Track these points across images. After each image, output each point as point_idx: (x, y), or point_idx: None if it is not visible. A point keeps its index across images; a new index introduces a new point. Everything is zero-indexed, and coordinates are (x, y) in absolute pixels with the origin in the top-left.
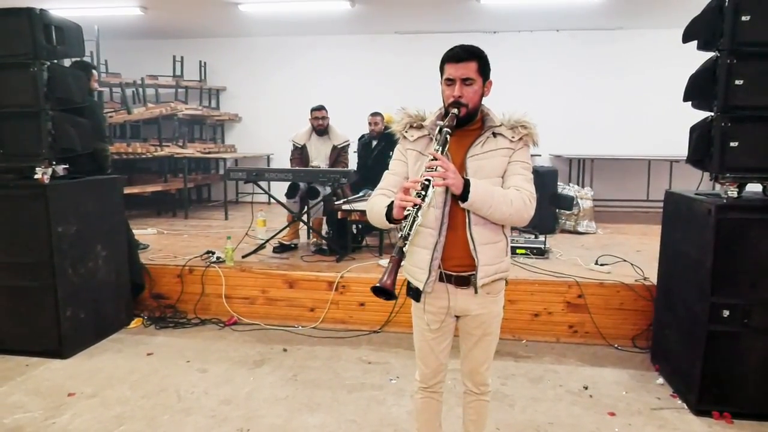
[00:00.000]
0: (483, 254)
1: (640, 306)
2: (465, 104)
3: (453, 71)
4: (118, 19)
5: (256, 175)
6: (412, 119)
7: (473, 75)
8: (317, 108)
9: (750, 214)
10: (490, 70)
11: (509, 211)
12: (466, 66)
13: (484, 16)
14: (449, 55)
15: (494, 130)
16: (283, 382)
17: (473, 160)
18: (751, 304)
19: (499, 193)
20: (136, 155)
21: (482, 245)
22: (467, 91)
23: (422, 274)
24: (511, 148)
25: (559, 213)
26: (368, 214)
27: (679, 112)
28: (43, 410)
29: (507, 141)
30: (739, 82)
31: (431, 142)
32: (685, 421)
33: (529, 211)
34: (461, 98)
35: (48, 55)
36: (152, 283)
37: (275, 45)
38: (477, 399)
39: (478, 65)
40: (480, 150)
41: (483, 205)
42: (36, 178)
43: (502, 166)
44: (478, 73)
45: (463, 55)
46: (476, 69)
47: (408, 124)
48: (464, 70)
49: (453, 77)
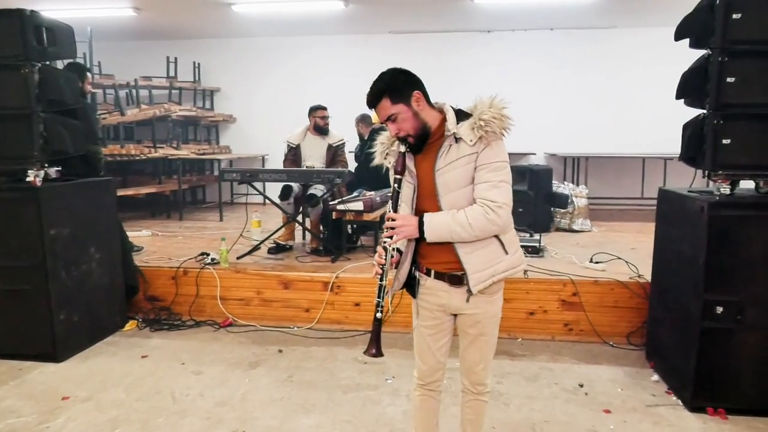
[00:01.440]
0: (470, 263)
1: (634, 303)
2: (407, 136)
3: (376, 116)
4: (111, 20)
5: (250, 176)
6: (385, 146)
7: (392, 110)
8: (321, 107)
9: (742, 210)
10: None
11: (471, 233)
12: (381, 107)
13: (478, 15)
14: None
15: (455, 135)
16: (278, 384)
17: (439, 175)
18: (744, 301)
19: (457, 220)
20: (130, 157)
21: (467, 254)
22: (401, 125)
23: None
24: (474, 152)
25: (554, 211)
26: None
27: (673, 110)
28: (37, 414)
29: (467, 147)
30: (731, 79)
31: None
32: (680, 417)
33: (497, 222)
34: (399, 133)
35: (39, 57)
36: (147, 286)
37: (269, 45)
38: (475, 399)
39: (389, 97)
40: (443, 163)
41: (442, 237)
42: (28, 181)
43: (467, 174)
44: (394, 103)
45: (373, 100)
46: (390, 103)
47: (384, 153)
48: (381, 111)
49: (380, 121)
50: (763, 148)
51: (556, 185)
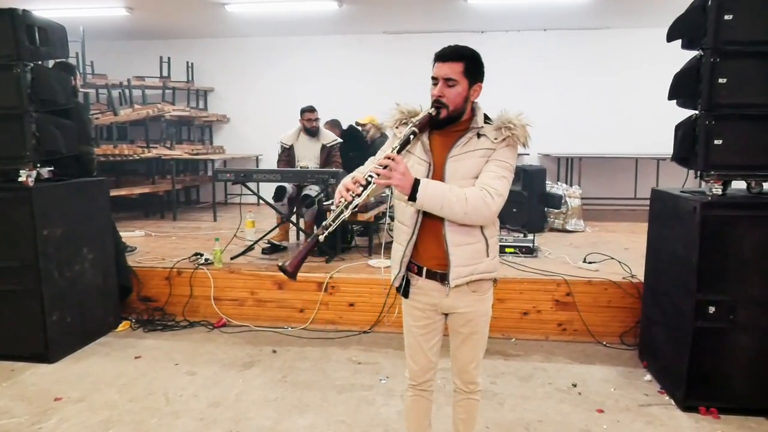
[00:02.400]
0: (456, 256)
1: (627, 303)
2: (445, 105)
3: (437, 70)
4: (104, 19)
5: (244, 176)
6: (403, 116)
7: (456, 76)
8: (309, 109)
9: (735, 211)
10: (481, 73)
11: (463, 209)
12: (451, 66)
13: (471, 16)
14: (437, 53)
15: (479, 131)
16: (272, 384)
17: (452, 161)
18: (736, 301)
19: (454, 192)
20: (123, 157)
21: (456, 246)
22: (449, 92)
23: (396, 269)
24: (492, 149)
25: (548, 211)
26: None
27: (666, 111)
28: (30, 415)
29: (489, 142)
30: (723, 80)
31: (416, 140)
32: (673, 416)
33: (490, 208)
34: (441, 98)
35: (31, 57)
36: (140, 286)
37: (263, 45)
38: (467, 397)
39: (465, 66)
40: (459, 151)
41: (433, 204)
42: (20, 181)
43: (478, 166)
44: (464, 74)
45: (450, 55)
46: (461, 70)
47: (399, 121)
48: (448, 69)
49: (436, 76)
50: (754, 149)
51: (550, 185)
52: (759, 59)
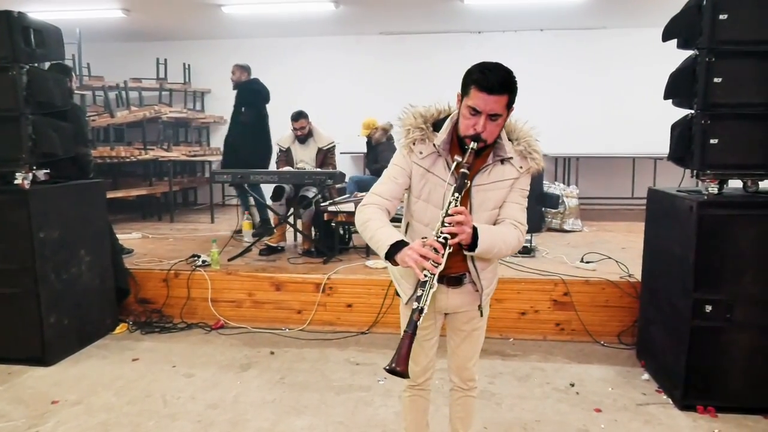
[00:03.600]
0: (485, 279)
1: (625, 303)
2: (484, 140)
3: (482, 104)
4: (100, 21)
5: (241, 177)
6: (423, 133)
7: (501, 110)
8: (295, 118)
9: (731, 210)
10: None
11: (509, 251)
12: (497, 101)
13: (468, 17)
14: (481, 80)
15: (502, 158)
16: (270, 385)
17: (479, 191)
18: (733, 299)
19: (501, 237)
20: (120, 159)
21: (483, 270)
22: (490, 126)
23: (408, 289)
24: (518, 177)
25: (545, 211)
26: (361, 228)
27: (662, 111)
28: (26, 418)
29: (514, 171)
30: (718, 80)
31: (438, 158)
32: (671, 415)
33: (521, 245)
34: (482, 134)
35: (27, 59)
36: (137, 288)
37: (259, 47)
38: (464, 395)
39: (509, 99)
40: (486, 179)
41: (486, 254)
42: (16, 184)
43: (504, 196)
44: (507, 106)
45: (498, 89)
46: (506, 103)
47: (419, 138)
48: (494, 105)
49: (482, 110)
50: (750, 148)
51: (547, 185)
52: (754, 59)
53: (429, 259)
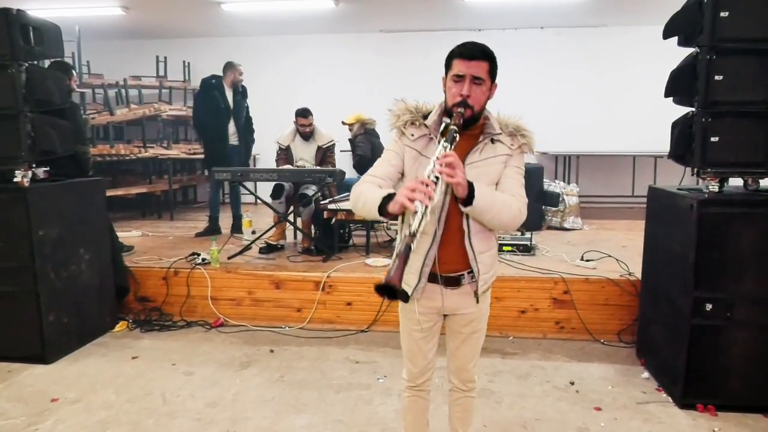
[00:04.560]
0: (482, 263)
1: (625, 301)
2: (471, 106)
3: (464, 68)
4: (100, 19)
5: (240, 175)
6: (413, 116)
7: (484, 75)
8: (302, 114)
9: (731, 208)
10: (496, 74)
11: (509, 217)
12: (478, 65)
13: (468, 14)
14: (461, 51)
15: (493, 137)
16: (269, 384)
17: (471, 168)
18: (733, 298)
19: (501, 198)
20: (120, 157)
21: (481, 254)
22: (475, 91)
23: (412, 279)
24: (509, 155)
25: (546, 210)
26: (354, 200)
27: (663, 108)
28: (26, 416)
29: (506, 148)
30: (719, 77)
31: (431, 142)
32: (670, 414)
33: (522, 218)
34: (468, 98)
35: (26, 56)
36: (137, 286)
37: (259, 45)
38: (464, 396)
39: (489, 67)
40: (478, 157)
41: (485, 210)
42: (15, 182)
43: (498, 173)
44: (488, 74)
45: (477, 54)
46: (488, 69)
47: (409, 121)
48: (476, 68)
49: (463, 74)
50: (751, 146)
51: (548, 183)
52: (755, 56)
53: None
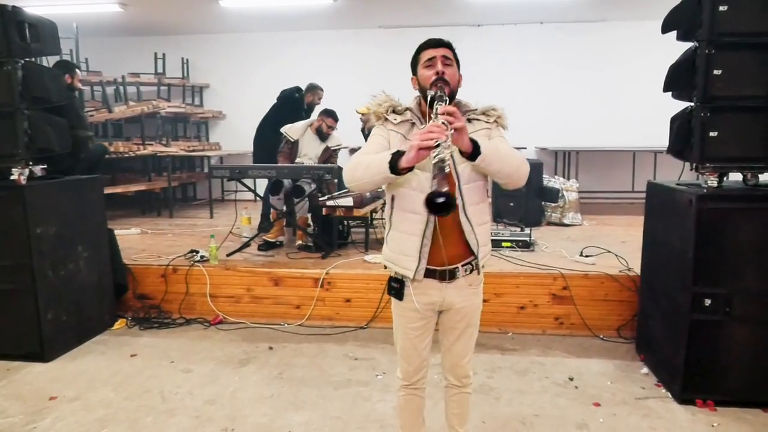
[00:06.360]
0: (481, 235)
1: (624, 297)
2: (447, 81)
3: (433, 52)
4: (97, 16)
5: (239, 172)
6: (396, 103)
7: (451, 57)
8: (333, 116)
9: (730, 203)
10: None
11: (515, 165)
12: (445, 50)
13: (467, 10)
14: (426, 42)
15: (469, 116)
16: (268, 381)
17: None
18: (732, 293)
19: (503, 147)
20: (119, 154)
21: (478, 226)
22: (448, 70)
23: (411, 262)
24: (488, 128)
25: (545, 205)
26: (352, 170)
27: (663, 103)
28: (24, 414)
29: (483, 123)
30: (718, 72)
31: (413, 127)
32: (670, 409)
33: (526, 168)
34: (444, 74)
35: (22, 53)
36: (136, 284)
37: (258, 41)
38: (460, 392)
39: (453, 53)
40: None
41: (493, 159)
42: (12, 179)
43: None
44: (454, 59)
45: (442, 42)
46: (452, 55)
47: (391, 107)
48: (444, 52)
49: (433, 56)
50: (750, 140)
51: (547, 179)
52: (754, 51)
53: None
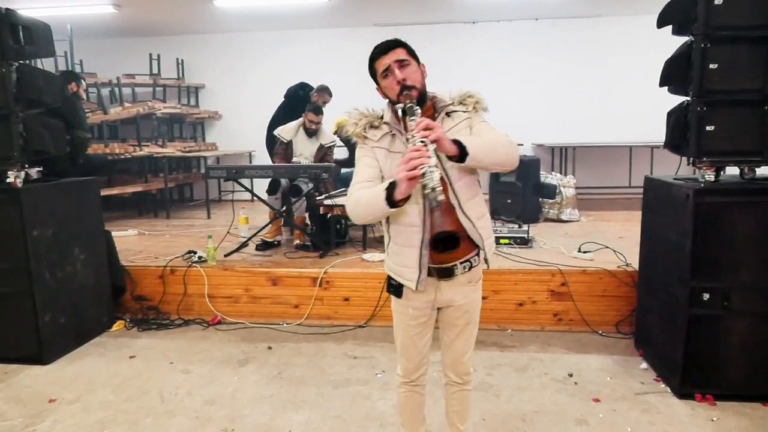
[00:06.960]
0: (483, 228)
1: (623, 292)
2: (412, 85)
3: (386, 61)
4: (91, 17)
5: (236, 172)
6: (371, 118)
7: (404, 56)
8: (315, 111)
9: (728, 197)
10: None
11: (504, 151)
12: (394, 52)
13: (462, 7)
14: (374, 52)
15: (447, 110)
16: (267, 381)
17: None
18: (730, 287)
19: (488, 137)
20: (115, 156)
21: (477, 219)
22: (407, 72)
23: (412, 273)
24: (468, 117)
25: (543, 202)
26: (353, 208)
27: (659, 98)
28: (23, 417)
29: (462, 114)
30: (714, 66)
31: (394, 138)
32: (669, 404)
33: (515, 147)
34: (406, 80)
35: (16, 56)
36: (134, 285)
37: (253, 40)
38: (460, 389)
39: (406, 50)
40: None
41: (481, 153)
42: (8, 182)
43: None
44: (409, 55)
45: (389, 45)
46: (405, 52)
47: (368, 124)
48: (393, 55)
49: (387, 65)
50: (746, 134)
51: (544, 176)
52: (749, 44)
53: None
